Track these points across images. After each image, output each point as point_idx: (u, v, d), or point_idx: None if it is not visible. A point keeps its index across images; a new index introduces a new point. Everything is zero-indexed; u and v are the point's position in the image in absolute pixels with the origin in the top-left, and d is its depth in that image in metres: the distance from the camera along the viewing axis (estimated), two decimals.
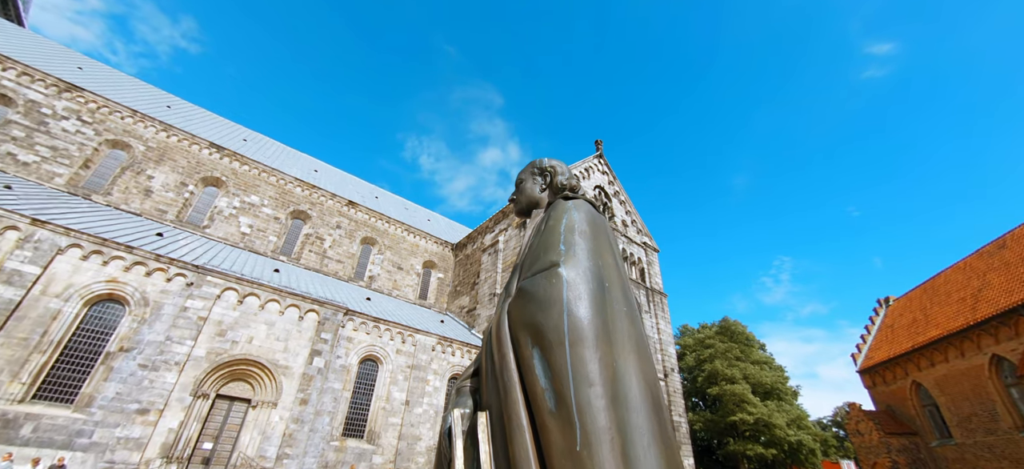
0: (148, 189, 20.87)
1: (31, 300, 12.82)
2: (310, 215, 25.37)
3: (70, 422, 12.13)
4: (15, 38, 22.69)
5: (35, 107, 19.55)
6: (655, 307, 29.39)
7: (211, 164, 23.04)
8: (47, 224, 13.79)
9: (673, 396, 26.44)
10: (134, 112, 21.71)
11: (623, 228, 31.81)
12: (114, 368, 13.29)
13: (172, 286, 15.28)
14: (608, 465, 1.10)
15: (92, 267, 14.13)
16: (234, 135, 26.62)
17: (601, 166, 33.89)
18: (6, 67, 19.48)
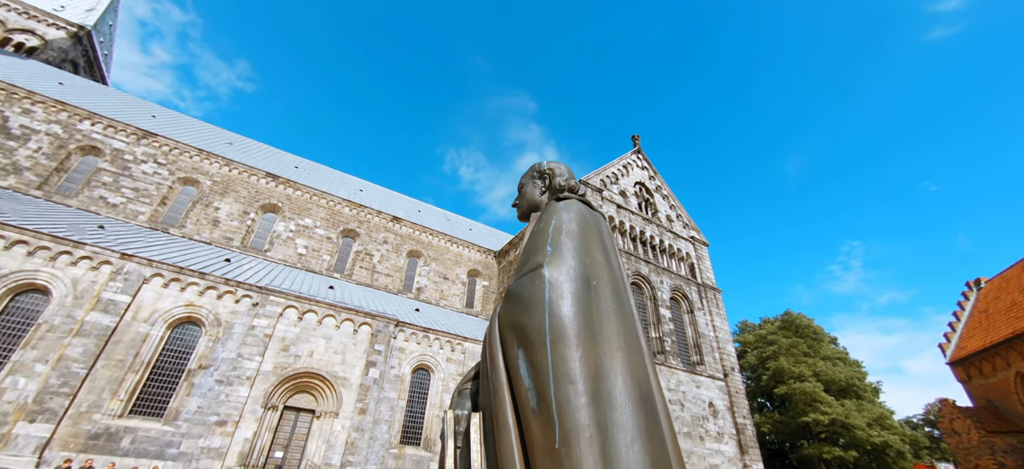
0: (215, 220, 22.72)
1: (124, 325, 14.25)
2: (359, 233, 26.54)
3: (161, 434, 13.30)
4: (100, 96, 25.63)
5: (119, 154, 21.92)
6: (708, 303, 28.00)
7: (268, 192, 24.75)
8: (133, 257, 15.31)
9: (735, 397, 24.94)
10: (200, 151, 23.80)
11: (668, 223, 30.70)
12: (195, 384, 14.45)
13: (240, 307, 16.44)
14: (586, 462, 1.09)
15: (172, 293, 15.51)
16: (287, 163, 28.47)
17: (640, 161, 33.00)
18: (94, 122, 22.03)
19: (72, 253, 14.46)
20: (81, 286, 14.20)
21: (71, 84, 25.13)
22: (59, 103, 21.63)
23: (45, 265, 14.03)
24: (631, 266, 25.48)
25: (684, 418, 22.20)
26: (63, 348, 13.07)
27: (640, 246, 27.68)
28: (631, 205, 29.37)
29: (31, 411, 12.01)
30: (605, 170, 29.47)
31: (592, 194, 26.60)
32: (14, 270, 13.57)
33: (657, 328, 24.63)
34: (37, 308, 13.68)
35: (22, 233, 14.02)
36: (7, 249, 13.75)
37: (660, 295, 25.81)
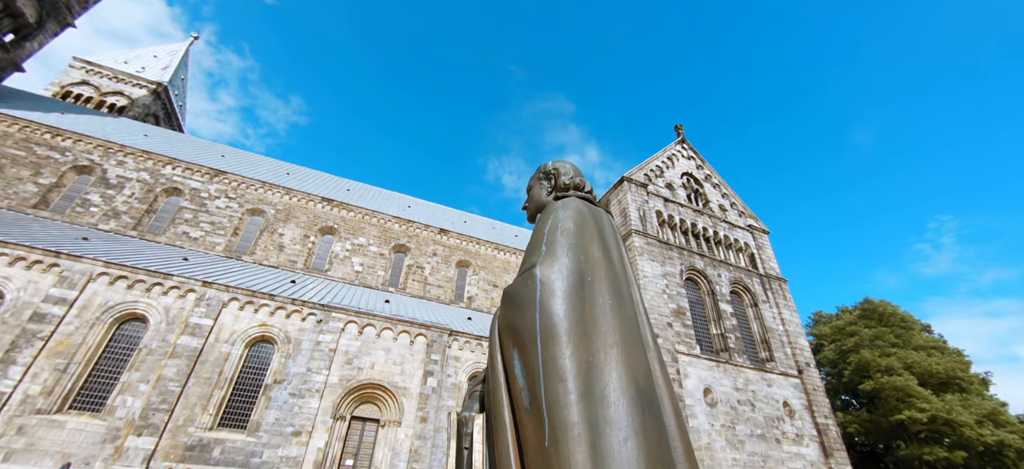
0: (281, 245, 24.45)
1: (209, 346, 15.61)
2: (409, 247, 27.47)
3: (245, 445, 14.37)
4: (178, 142, 28.57)
5: (197, 193, 24.26)
6: (773, 295, 26.13)
7: (324, 216, 26.31)
8: (213, 284, 16.78)
9: (813, 395, 22.94)
10: (264, 183, 25.79)
11: (721, 213, 29.12)
12: (272, 397, 15.51)
13: (306, 324, 17.49)
14: (576, 460, 1.08)
15: (247, 315, 16.80)
16: (339, 187, 30.16)
17: (685, 151, 31.67)
18: (175, 166, 24.56)
19: (163, 284, 16.11)
20: (172, 313, 15.77)
21: (154, 135, 28.23)
22: (145, 153, 24.36)
23: (142, 296, 15.73)
24: (685, 261, 24.37)
25: (756, 419, 20.71)
26: (160, 369, 14.54)
27: (693, 239, 26.45)
28: (679, 197, 28.20)
29: (138, 426, 13.43)
30: (648, 164, 28.58)
31: (636, 190, 25.84)
32: (118, 302, 15.33)
33: (718, 324, 23.30)
34: (138, 334, 15.34)
35: (122, 269, 15.83)
36: (111, 284, 15.57)
37: (719, 289, 24.44)
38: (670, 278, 23.08)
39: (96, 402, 13.95)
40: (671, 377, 18.61)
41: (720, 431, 19.58)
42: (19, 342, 13.54)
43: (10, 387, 12.89)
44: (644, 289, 21.44)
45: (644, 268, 22.25)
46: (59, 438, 12.82)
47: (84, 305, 14.89)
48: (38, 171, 21.97)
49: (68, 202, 22.03)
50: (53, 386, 13.41)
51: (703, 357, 21.38)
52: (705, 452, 18.60)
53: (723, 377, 21.33)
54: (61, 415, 13.24)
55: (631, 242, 23.02)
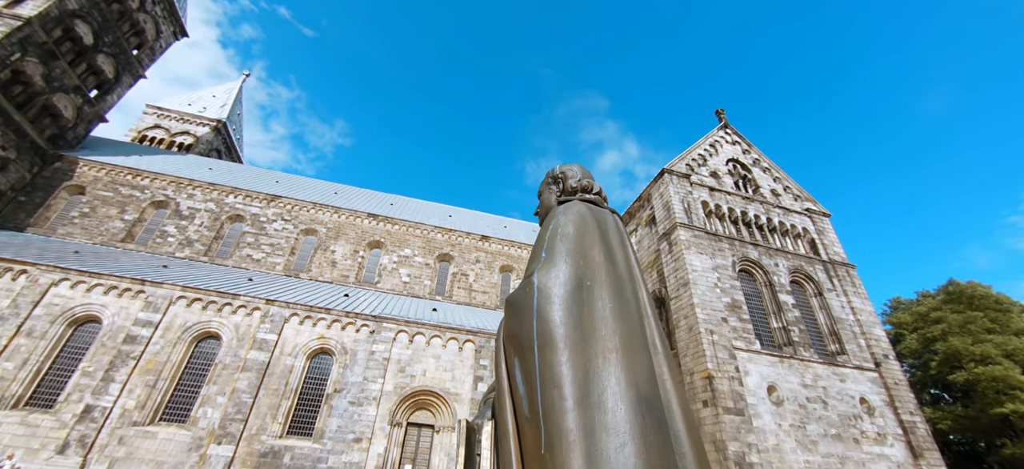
0: (333, 261, 25.76)
1: (275, 360, 16.67)
2: (453, 256, 28.03)
3: (312, 451, 15.17)
4: (238, 172, 30.91)
5: (256, 218, 26.10)
6: (840, 283, 24.16)
7: (371, 230, 27.44)
8: (276, 302, 17.92)
9: (895, 389, 20.90)
10: (315, 204, 27.32)
11: (774, 198, 27.41)
12: (333, 406, 16.29)
13: (360, 335, 18.24)
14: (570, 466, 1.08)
15: (307, 329, 17.79)
16: (383, 202, 31.37)
17: (729, 136, 30.16)
18: (236, 195, 26.57)
19: (232, 303, 17.42)
20: (241, 329, 17.00)
21: (217, 167, 30.72)
22: (210, 184, 26.56)
23: (215, 315, 17.09)
24: (737, 252, 23.11)
25: (829, 418, 19.15)
26: (234, 382, 15.70)
27: (744, 228, 25.05)
28: (726, 185, 26.85)
29: (218, 435, 14.56)
30: (689, 153, 27.45)
31: (678, 181, 24.88)
32: (195, 322, 16.74)
33: (779, 317, 21.84)
34: (213, 351, 16.66)
35: (197, 292, 17.29)
36: (188, 306, 17.05)
37: (777, 280, 22.94)
38: (722, 271, 21.97)
39: (181, 414, 15.28)
40: (730, 374, 17.68)
41: (789, 431, 18.29)
42: (116, 362, 15.12)
43: (111, 402, 14.41)
44: (694, 284, 20.54)
45: (693, 262, 21.33)
46: (152, 447, 14.14)
47: (167, 326, 16.39)
48: (123, 209, 24.53)
49: (149, 234, 24.43)
50: (145, 400, 14.84)
51: (764, 353, 20.11)
52: (773, 454, 17.44)
53: (788, 373, 19.95)
54: (153, 426, 14.61)
55: (676, 236, 22.17)
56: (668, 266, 22.16)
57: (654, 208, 24.91)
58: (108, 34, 27.89)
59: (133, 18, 29.93)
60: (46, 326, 15.50)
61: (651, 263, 23.93)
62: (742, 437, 16.61)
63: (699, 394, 17.83)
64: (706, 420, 17.21)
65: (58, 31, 24.83)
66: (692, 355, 18.87)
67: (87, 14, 26.19)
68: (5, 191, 23.16)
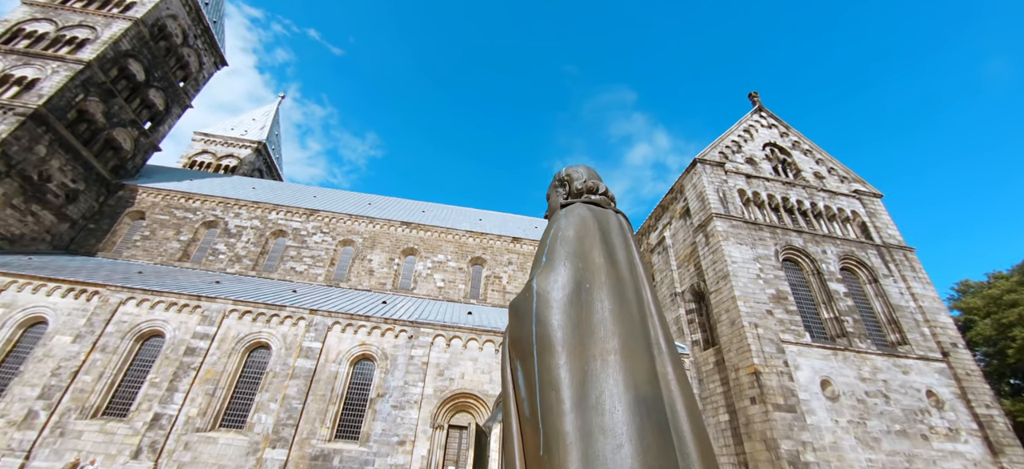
0: (371, 270, 26.58)
1: (320, 367, 17.37)
2: (485, 259, 28.29)
3: (359, 454, 15.69)
4: (279, 190, 32.48)
5: (297, 232, 27.32)
6: (897, 267, 22.56)
7: (405, 238, 28.12)
8: (319, 311, 18.67)
9: (967, 381, 19.26)
10: (350, 216, 28.30)
11: (817, 181, 25.97)
12: (377, 410, 16.78)
13: (399, 341, 18.70)
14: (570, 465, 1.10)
15: (348, 336, 18.42)
16: (415, 210, 32.09)
17: (765, 120, 28.86)
18: (278, 211, 27.93)
19: (279, 314, 18.31)
20: (288, 339, 17.83)
21: (260, 186, 32.41)
22: (254, 203, 28.04)
23: (264, 326, 18.01)
24: (779, 240, 22.04)
25: (893, 413, 17.88)
26: (284, 389, 16.48)
27: (786, 215, 23.87)
28: (764, 171, 25.69)
29: (272, 439, 15.33)
30: (722, 141, 26.44)
31: (712, 170, 24.01)
32: (247, 333, 17.71)
33: (830, 307, 20.63)
34: (264, 360, 17.56)
35: (247, 305, 18.28)
36: (240, 318, 18.05)
37: (826, 268, 21.69)
38: (764, 261, 21.01)
39: (238, 420, 16.19)
40: (778, 369, 16.87)
41: (847, 428, 17.23)
42: (179, 373, 16.22)
43: (176, 410, 15.48)
44: (734, 276, 19.73)
45: (732, 253, 20.51)
46: (214, 452, 15.06)
47: (222, 338, 17.43)
48: (179, 230, 26.32)
49: (202, 252, 26.08)
50: (206, 408, 15.84)
51: (815, 345, 19.05)
52: (831, 453, 16.46)
53: (844, 366, 18.80)
54: (214, 432, 15.57)
55: (713, 227, 21.39)
56: (705, 259, 21.43)
57: (688, 199, 24.16)
58: (157, 69, 30.08)
59: (178, 53, 32.14)
60: (117, 342, 16.84)
61: (688, 256, 23.21)
62: (795, 435, 15.80)
63: (746, 391, 17.11)
64: (755, 418, 16.49)
65: (114, 70, 27.01)
66: (736, 350, 18.14)
67: (138, 53, 28.36)
68: (77, 220, 25.39)
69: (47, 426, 14.84)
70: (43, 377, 15.71)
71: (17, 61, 24.47)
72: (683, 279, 23.38)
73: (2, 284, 17.49)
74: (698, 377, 20.10)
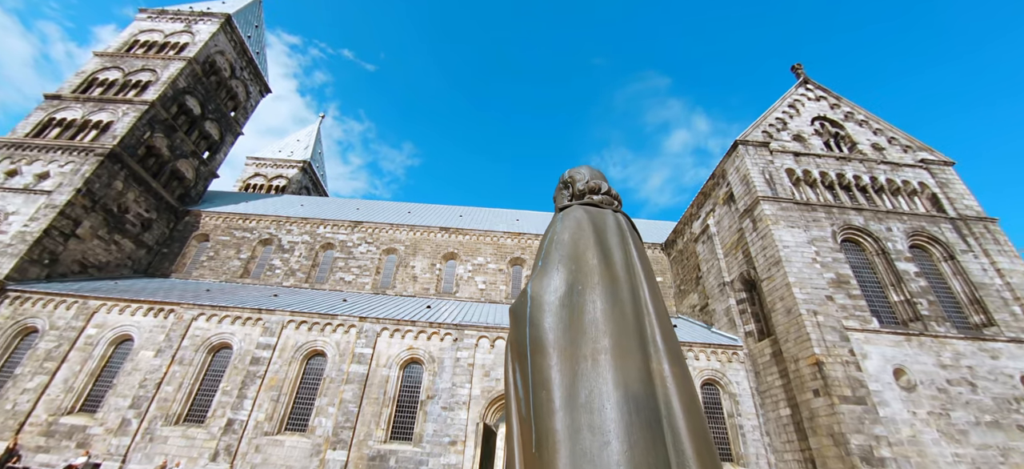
0: (414, 276, 27.41)
1: (372, 371, 18.11)
2: (524, 259, 28.39)
3: (413, 454, 16.24)
4: (325, 205, 34.16)
5: (344, 244, 28.64)
6: (977, 242, 20.46)
7: (445, 243, 28.76)
8: (368, 318, 19.48)
9: None
10: (392, 225, 29.31)
11: (876, 153, 24.04)
12: (427, 411, 17.29)
13: (445, 344, 19.16)
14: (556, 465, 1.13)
15: (396, 341, 19.09)
16: (453, 215, 32.74)
17: (812, 92, 27.06)
18: (325, 225, 29.34)
19: (332, 323, 19.27)
20: (341, 346, 18.73)
21: (307, 203, 34.25)
22: (303, 219, 29.66)
23: (319, 335, 19.03)
24: (835, 220, 20.57)
25: (982, 403, 16.20)
26: (340, 393, 17.34)
27: (842, 193, 22.26)
28: (813, 148, 24.08)
29: (332, 441, 16.17)
30: (765, 119, 25.02)
31: (755, 151, 22.78)
32: (304, 342, 18.79)
33: (899, 289, 19.01)
34: (321, 367, 18.56)
35: (303, 315, 19.39)
36: (297, 328, 19.17)
37: (892, 247, 20.01)
38: (820, 243, 19.68)
39: (301, 423, 17.21)
40: (843, 359, 15.78)
41: (928, 420, 15.81)
42: (247, 381, 17.47)
43: (246, 416, 16.68)
44: (787, 261, 18.61)
45: (783, 237, 19.36)
46: (281, 454, 16.10)
47: (282, 347, 18.59)
48: (239, 249, 28.32)
49: (260, 268, 27.92)
50: (272, 413, 16.95)
51: (885, 331, 17.62)
52: (910, 447, 15.16)
53: (920, 353, 17.27)
54: (280, 436, 16.64)
55: (760, 211, 20.28)
56: (754, 245, 20.40)
57: (731, 184, 23.10)
58: (210, 102, 32.54)
59: (227, 85, 34.62)
60: (192, 354, 18.38)
61: (734, 244, 22.19)
62: (867, 429, 14.71)
63: (808, 383, 16.13)
64: (819, 412, 15.51)
65: (174, 107, 29.50)
66: (794, 340, 17.14)
67: (193, 89, 30.81)
68: (152, 245, 27.94)
69: (138, 432, 16.45)
70: (132, 388, 17.43)
71: (94, 107, 27.28)
72: (731, 268, 22.36)
73: (95, 307, 19.57)
74: (754, 370, 19.17)
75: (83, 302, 19.61)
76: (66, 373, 17.89)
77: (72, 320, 19.12)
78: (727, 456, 17.62)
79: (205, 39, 31.73)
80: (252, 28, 38.10)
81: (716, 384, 19.14)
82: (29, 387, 17.35)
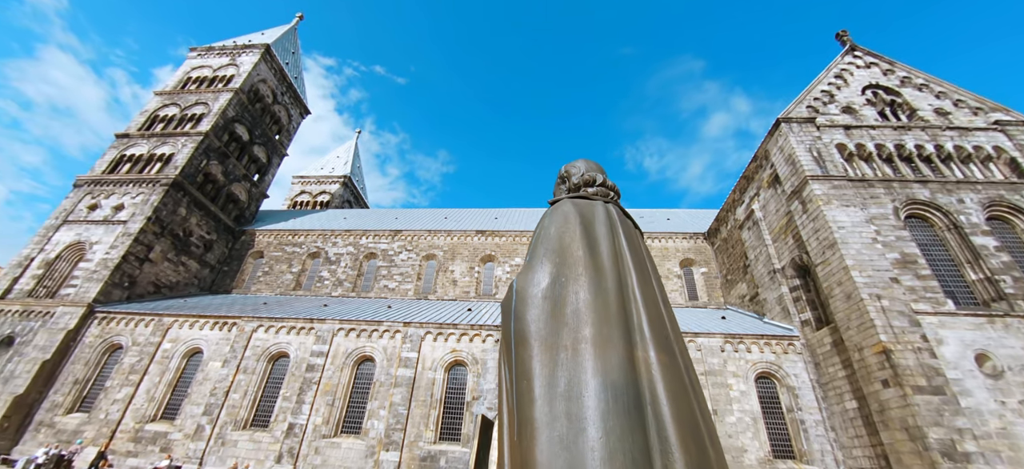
0: (454, 280, 27.97)
1: (419, 374, 18.65)
2: None
3: (462, 454, 16.57)
4: (366, 216, 35.53)
5: (385, 252, 29.70)
6: None
7: (482, 246, 29.16)
8: (412, 323, 20.08)
9: None
10: (430, 231, 30.06)
11: (940, 119, 22.02)
12: (473, 411, 17.57)
13: (486, 345, 19.41)
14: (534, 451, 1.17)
15: (440, 344, 19.55)
16: (488, 218, 33.12)
17: (861, 60, 25.21)
18: (366, 235, 30.52)
19: (378, 329, 20.03)
20: (389, 351, 19.43)
21: (350, 216, 35.77)
22: (347, 231, 31.00)
23: (367, 341, 19.82)
24: (897, 195, 18.99)
25: None
26: (390, 396, 17.98)
27: (903, 166, 20.55)
28: (866, 119, 22.38)
29: (385, 443, 16.81)
30: (809, 93, 23.51)
31: (801, 128, 21.46)
32: (353, 348, 19.64)
33: (976, 266, 17.28)
34: (370, 372, 19.33)
35: (352, 323, 20.27)
36: (346, 336, 20.06)
37: (965, 220, 18.23)
38: (880, 221, 18.23)
39: (355, 426, 18.00)
40: (915, 345, 14.59)
41: (1020, 410, 14.28)
42: (304, 387, 18.49)
43: (305, 419, 17.66)
44: (843, 243, 17.38)
45: (837, 217, 18.09)
46: (339, 455, 16.91)
47: (334, 354, 19.52)
48: (290, 263, 30.02)
49: (310, 280, 29.46)
50: (328, 416, 17.85)
51: (963, 314, 16.08)
52: (999, 441, 13.72)
53: (1006, 336, 15.63)
54: (336, 438, 17.48)
55: (809, 192, 19.06)
56: (805, 228, 19.24)
57: (775, 165, 21.90)
58: (257, 128, 34.73)
59: (271, 110, 36.83)
60: (254, 363, 19.69)
61: (783, 228, 21.02)
62: (946, 421, 13.51)
63: (875, 373, 15.01)
64: (890, 404, 14.39)
65: (225, 135, 31.73)
66: (856, 327, 16.01)
67: (241, 117, 33.03)
68: (214, 265, 30.18)
69: (211, 437, 17.82)
70: (204, 397, 18.91)
71: (157, 142, 29.84)
72: (781, 254, 21.20)
73: (169, 324, 21.41)
74: (813, 361, 18.07)
75: (158, 319, 21.50)
76: (148, 384, 19.68)
77: (150, 336, 21.01)
78: (788, 453, 16.71)
79: (248, 69, 33.93)
80: (289, 55, 40.34)
81: (771, 377, 18.22)
82: (118, 398, 19.23)
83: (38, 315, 22.19)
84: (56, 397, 19.81)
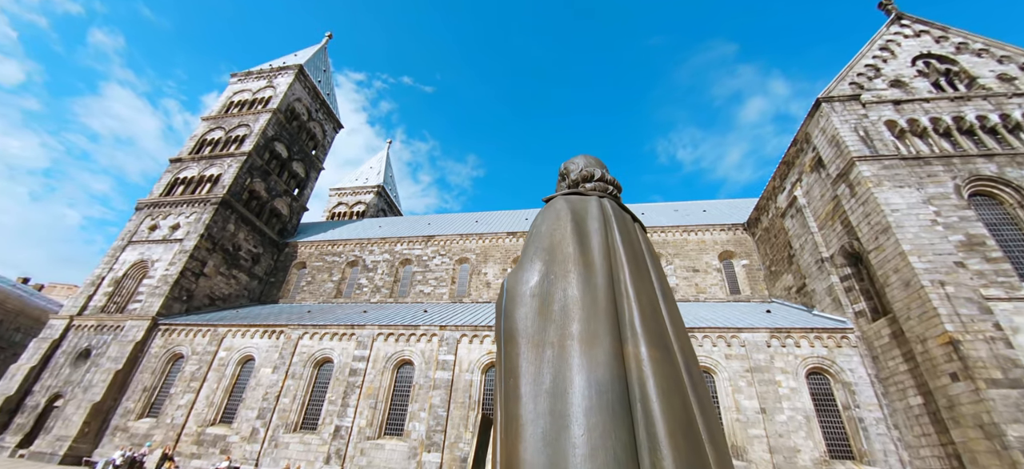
0: (487, 282, 28.24)
1: (456, 377, 18.95)
2: None
3: None
4: (399, 224, 36.49)
5: (420, 258, 30.36)
6: None
7: (514, 248, 29.29)
8: (447, 326, 20.44)
9: None
10: (462, 235, 30.52)
11: (1004, 86, 20.18)
12: None
13: None
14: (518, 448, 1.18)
15: (475, 346, 19.78)
16: (518, 219, 33.25)
17: (908, 29, 23.49)
18: (401, 242, 31.34)
19: (416, 333, 20.51)
20: (427, 354, 19.86)
21: (384, 224, 36.86)
22: (382, 239, 31.92)
23: (406, 345, 20.35)
24: (958, 172, 17.52)
25: None
26: (429, 398, 18.37)
27: (963, 139, 18.96)
28: (918, 92, 20.80)
29: (426, 444, 17.18)
30: (851, 69, 22.06)
31: (844, 107, 20.21)
32: (393, 352, 20.20)
33: None
34: (409, 375, 19.82)
35: (390, 328, 20.87)
36: (386, 340, 20.67)
37: None
38: (939, 201, 16.88)
39: (397, 428, 18.51)
40: (986, 334, 13.48)
41: None
42: (348, 391, 19.20)
43: (350, 422, 18.33)
44: (898, 227, 16.21)
45: (889, 200, 16.88)
46: (383, 457, 17.44)
47: (375, 358, 20.16)
48: (330, 272, 31.27)
49: (350, 288, 30.56)
50: (372, 419, 18.44)
51: None
52: None
53: None
54: (380, 440, 18.04)
55: (857, 174, 17.89)
56: (854, 213, 18.11)
57: (817, 148, 20.77)
58: (294, 145, 36.45)
59: (307, 127, 38.56)
60: (301, 369, 20.64)
61: (830, 214, 19.88)
62: None
63: (941, 366, 13.91)
64: (960, 399, 13.29)
65: (266, 154, 33.49)
66: (917, 317, 14.90)
67: (280, 136, 34.77)
68: (261, 276, 31.89)
69: (265, 439, 18.82)
70: (257, 401, 20.00)
71: (207, 164, 31.89)
72: (829, 241, 20.04)
73: (223, 333, 22.81)
74: (871, 354, 16.97)
75: (214, 330, 22.95)
76: (207, 390, 21.04)
77: (207, 345, 22.46)
78: (847, 453, 15.76)
79: (284, 90, 35.72)
80: (321, 73, 42.12)
81: (825, 373, 17.26)
82: (181, 404, 20.67)
83: (110, 329, 24.22)
84: (128, 404, 21.54)
